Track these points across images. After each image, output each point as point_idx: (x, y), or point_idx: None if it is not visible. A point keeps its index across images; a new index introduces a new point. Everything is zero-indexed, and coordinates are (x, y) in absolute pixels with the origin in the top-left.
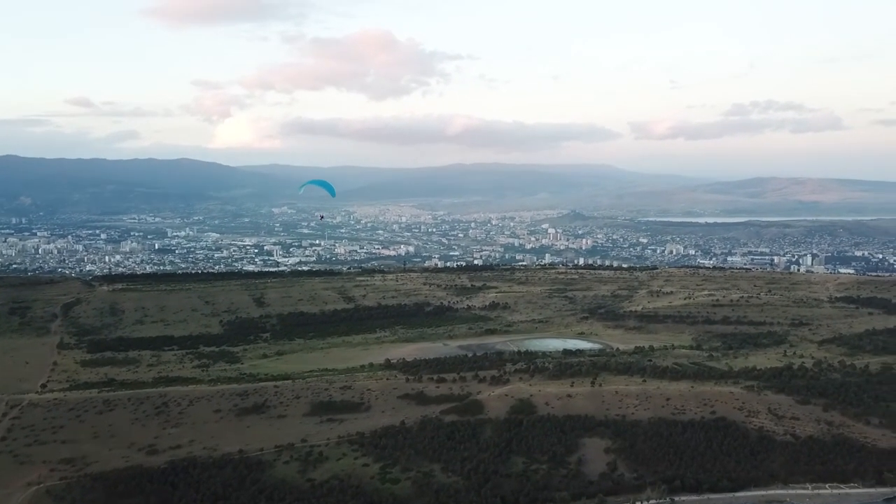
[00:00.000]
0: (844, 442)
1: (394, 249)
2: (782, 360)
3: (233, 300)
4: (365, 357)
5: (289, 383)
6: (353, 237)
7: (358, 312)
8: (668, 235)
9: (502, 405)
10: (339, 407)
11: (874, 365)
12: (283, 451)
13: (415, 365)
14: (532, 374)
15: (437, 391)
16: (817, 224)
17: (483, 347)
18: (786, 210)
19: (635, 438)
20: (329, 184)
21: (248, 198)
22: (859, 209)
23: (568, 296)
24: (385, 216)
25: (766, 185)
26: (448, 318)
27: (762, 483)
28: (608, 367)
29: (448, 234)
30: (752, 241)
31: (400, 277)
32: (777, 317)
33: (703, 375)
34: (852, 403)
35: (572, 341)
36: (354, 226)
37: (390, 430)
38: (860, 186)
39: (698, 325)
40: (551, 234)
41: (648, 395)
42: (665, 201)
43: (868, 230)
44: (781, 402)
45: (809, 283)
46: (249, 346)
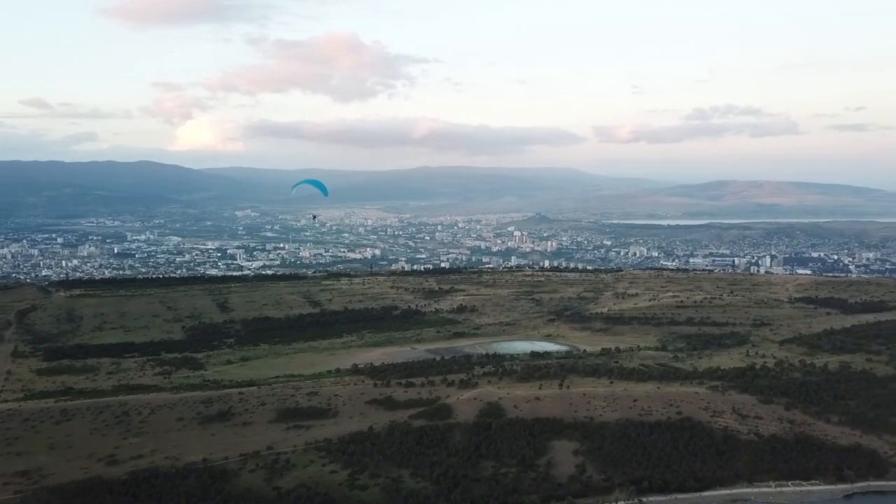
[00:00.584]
0: (806, 440)
1: (360, 253)
2: (745, 360)
3: (195, 305)
4: (332, 362)
5: (254, 390)
6: (319, 240)
7: (324, 317)
8: (631, 238)
9: (471, 409)
10: (305, 413)
11: (833, 364)
12: (249, 459)
13: (383, 370)
14: (500, 377)
15: (405, 396)
16: (775, 226)
17: (451, 351)
18: (745, 212)
19: (603, 440)
20: (322, 183)
21: (211, 201)
22: (815, 211)
23: (535, 298)
24: (351, 219)
25: (726, 188)
26: (416, 322)
27: (728, 482)
28: (576, 369)
29: (415, 237)
30: (714, 242)
31: (367, 281)
32: (739, 317)
33: (669, 376)
34: (813, 402)
35: (540, 343)
36: (319, 229)
37: (358, 435)
38: (816, 189)
39: (663, 327)
40: (517, 236)
41: (616, 397)
42: (628, 204)
43: (824, 232)
44: (745, 402)
45: (770, 285)
46: (213, 352)
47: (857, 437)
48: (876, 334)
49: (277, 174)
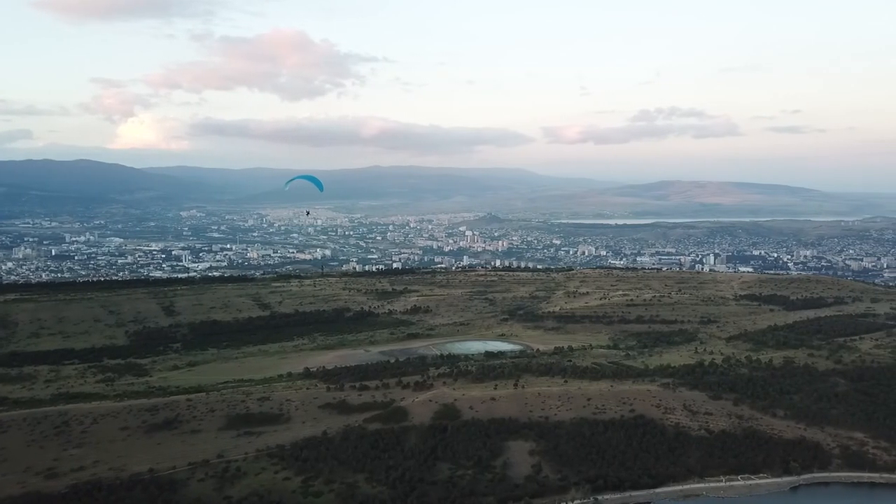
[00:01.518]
0: (754, 434)
1: (309, 253)
2: (694, 356)
3: (139, 309)
4: (283, 366)
5: (202, 396)
6: (267, 241)
7: (274, 320)
8: (580, 237)
9: (427, 411)
10: (257, 419)
11: (777, 359)
12: (198, 468)
13: (336, 373)
14: (455, 378)
15: (359, 399)
16: (718, 225)
17: (405, 352)
18: (689, 212)
19: (559, 439)
20: (318, 179)
21: (155, 201)
22: (755, 211)
23: (488, 298)
24: (300, 219)
25: (670, 188)
26: (369, 324)
27: (680, 478)
28: (530, 369)
29: (366, 237)
30: (660, 241)
31: (318, 282)
32: (687, 315)
33: (622, 374)
34: (760, 397)
35: (493, 343)
36: (267, 229)
37: (312, 441)
38: (755, 189)
39: (614, 325)
40: (468, 236)
41: (570, 396)
42: (576, 204)
43: (764, 230)
44: (695, 399)
45: (716, 282)
46: (158, 357)
47: (801, 430)
48: (816, 330)
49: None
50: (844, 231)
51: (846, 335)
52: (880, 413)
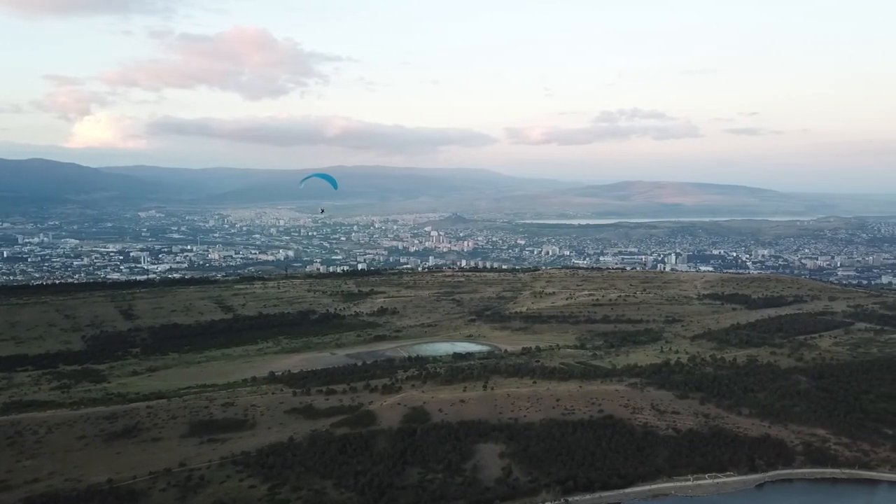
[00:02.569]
0: (720, 433)
1: (272, 254)
2: (660, 356)
3: (96, 313)
4: (247, 370)
5: (164, 402)
6: (228, 242)
7: (238, 323)
8: (544, 237)
9: (395, 414)
10: (220, 425)
11: (741, 358)
12: (159, 477)
13: (302, 377)
14: (424, 381)
15: (326, 404)
16: (679, 225)
17: (373, 355)
18: (650, 212)
19: (528, 441)
20: (332, 177)
21: (112, 201)
22: (714, 211)
23: (455, 298)
24: (262, 219)
25: (632, 189)
26: (335, 326)
27: (649, 478)
28: (499, 370)
29: (330, 238)
30: (622, 241)
31: (282, 284)
32: (652, 314)
33: (590, 375)
34: (725, 395)
35: (461, 344)
36: (229, 230)
37: (278, 447)
38: (714, 190)
39: (581, 325)
40: (434, 236)
41: (539, 397)
42: (540, 204)
43: (723, 230)
44: (663, 398)
45: (679, 282)
46: (117, 362)
47: (766, 427)
48: (777, 328)
49: (184, 173)
50: (800, 231)
51: (806, 333)
52: (840, 410)
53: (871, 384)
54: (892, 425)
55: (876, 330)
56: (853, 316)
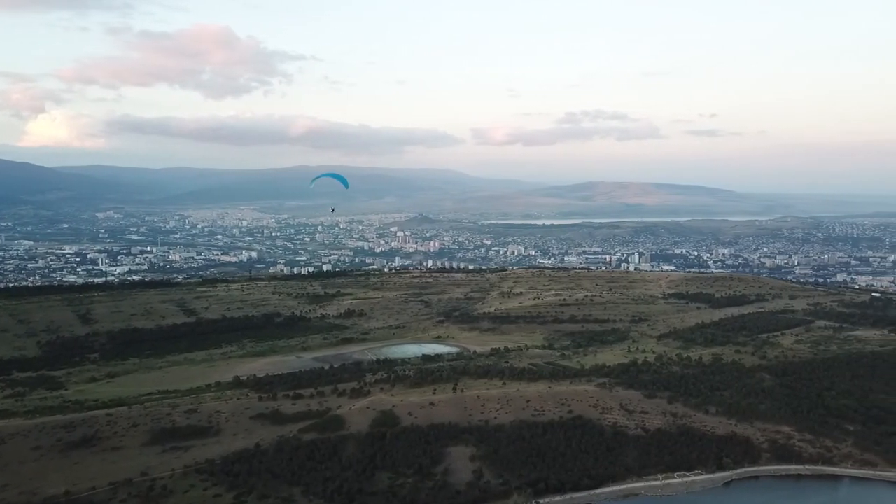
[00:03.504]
0: (688, 432)
1: (235, 256)
2: (627, 355)
3: (52, 317)
4: (211, 375)
5: (124, 410)
6: (190, 243)
7: (200, 326)
8: (509, 237)
9: (364, 419)
10: (184, 433)
11: (706, 356)
12: (120, 487)
13: (268, 381)
14: (393, 384)
15: (293, 408)
16: (642, 225)
17: (340, 358)
18: (614, 212)
19: (499, 443)
20: (343, 177)
21: (68, 201)
22: (675, 211)
23: (424, 300)
24: (224, 220)
25: (595, 189)
26: (301, 329)
27: (619, 478)
28: (468, 372)
29: (293, 239)
30: (586, 241)
31: (246, 286)
32: (619, 314)
33: (559, 375)
34: (692, 394)
35: (430, 346)
36: (190, 231)
37: (244, 454)
38: (675, 190)
39: (548, 325)
40: (400, 237)
41: (509, 399)
42: (505, 205)
43: (684, 230)
44: (631, 398)
45: (644, 282)
46: (74, 369)
47: (732, 426)
48: (741, 326)
49: (143, 173)
50: (759, 230)
51: (769, 331)
52: (804, 407)
53: (832, 381)
54: (853, 421)
55: (835, 328)
56: (813, 314)
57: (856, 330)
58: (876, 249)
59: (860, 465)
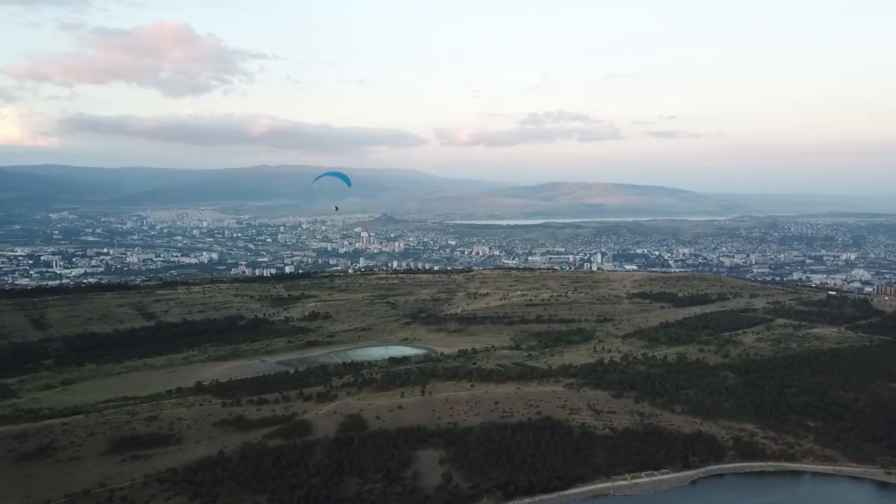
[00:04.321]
0: (655, 431)
1: (195, 257)
2: (593, 355)
3: (4, 322)
4: (172, 381)
5: (81, 418)
6: (148, 244)
7: (160, 330)
8: (474, 237)
9: (331, 423)
10: (144, 441)
11: (671, 355)
12: (77, 499)
13: (231, 386)
14: (360, 387)
15: (258, 414)
16: (604, 225)
17: (305, 361)
18: (576, 212)
19: (468, 446)
20: (345, 175)
21: (20, 202)
22: (637, 211)
23: (390, 301)
24: (184, 221)
25: (558, 190)
26: (265, 332)
27: (588, 478)
28: (436, 374)
29: (255, 240)
30: (550, 241)
31: (207, 289)
32: (584, 314)
33: (527, 376)
34: (658, 393)
35: (397, 348)
36: (148, 232)
37: (207, 462)
38: (636, 190)
39: (515, 325)
40: (364, 237)
41: (478, 400)
42: (469, 205)
43: (645, 230)
44: (599, 398)
45: (609, 281)
46: (28, 376)
47: (698, 424)
48: (704, 325)
49: (99, 172)
50: (717, 230)
51: (731, 330)
52: (766, 404)
53: (792, 378)
54: (813, 418)
55: (794, 326)
56: (773, 312)
57: (814, 328)
58: (829, 248)
59: (821, 461)
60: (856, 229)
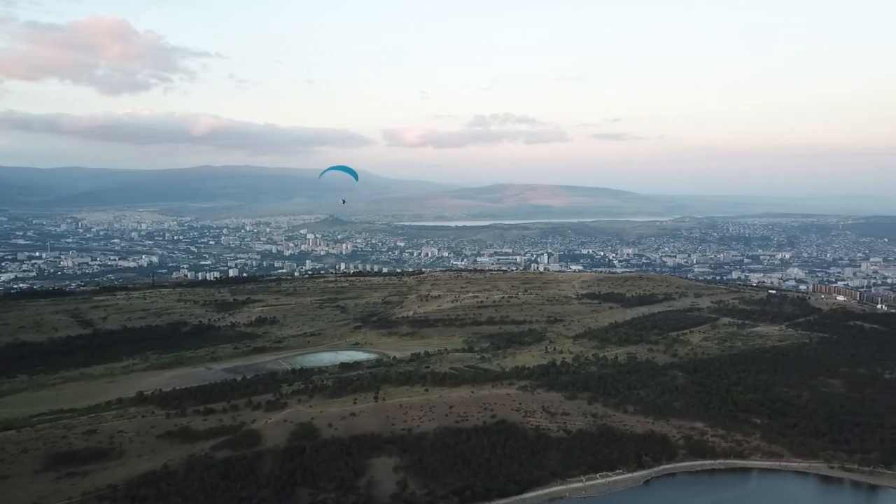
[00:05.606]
0: (608, 432)
1: (134, 260)
2: (545, 356)
3: None
4: (111, 391)
5: (12, 434)
6: (84, 248)
7: (98, 338)
8: (423, 239)
9: (282, 432)
10: (82, 457)
11: (622, 356)
12: None
13: (175, 396)
14: (311, 394)
15: (204, 425)
16: (550, 226)
17: (253, 368)
18: (523, 213)
19: (423, 452)
20: (352, 169)
21: None
22: (581, 212)
23: (339, 305)
24: (122, 223)
25: (504, 191)
26: (210, 338)
27: (544, 482)
28: (389, 379)
29: (197, 242)
30: (497, 242)
31: (148, 294)
32: (535, 315)
33: (481, 379)
34: (611, 394)
35: (348, 353)
36: (84, 234)
37: (150, 477)
38: (581, 192)
39: (467, 327)
40: (311, 239)
41: (432, 405)
42: (418, 206)
43: (590, 231)
44: (553, 400)
45: (558, 282)
46: None
47: (650, 424)
48: (652, 325)
49: (30, 173)
50: (660, 230)
51: (678, 329)
52: (715, 403)
53: (738, 376)
54: (759, 415)
55: (738, 324)
56: (717, 311)
57: (757, 326)
58: (765, 248)
59: (768, 457)
60: (790, 229)
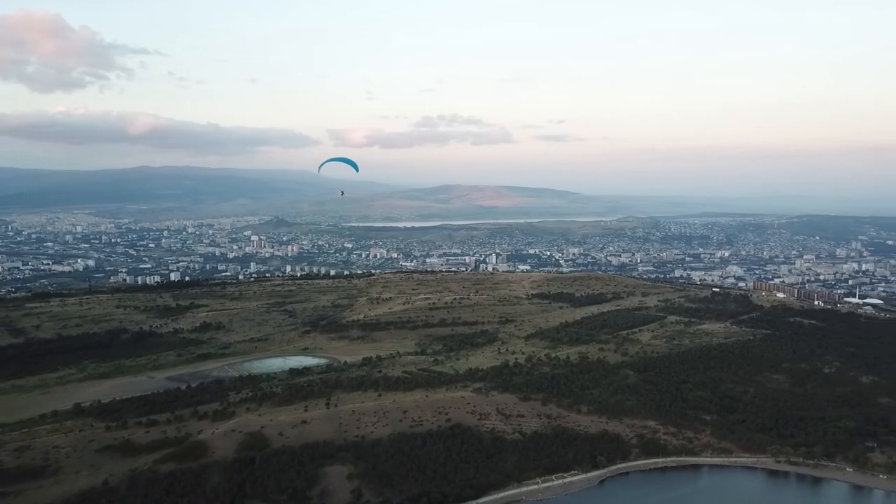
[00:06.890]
0: (563, 433)
1: (69, 265)
2: (498, 357)
3: None
4: (45, 404)
5: None
6: (14, 252)
7: (31, 348)
8: (371, 240)
9: (230, 443)
10: (13, 475)
11: (573, 355)
12: None
13: (115, 407)
14: (260, 402)
15: (147, 437)
16: (497, 226)
17: (198, 376)
18: (470, 214)
19: (377, 459)
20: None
21: None
22: (528, 212)
23: (287, 309)
24: (55, 225)
25: (452, 192)
26: (151, 346)
27: (500, 485)
28: (340, 384)
29: (136, 245)
30: (446, 243)
31: (85, 300)
32: (487, 316)
33: (434, 382)
34: (564, 394)
35: (297, 358)
36: (14, 238)
37: (89, 494)
38: (527, 193)
39: (419, 330)
40: (255, 241)
41: (385, 410)
42: (365, 207)
43: (537, 231)
44: (507, 402)
45: (509, 283)
46: None
47: (604, 423)
48: (602, 324)
49: None
50: (604, 230)
51: (627, 328)
52: (666, 401)
53: (687, 374)
54: (708, 411)
55: (685, 322)
56: (665, 310)
57: (703, 324)
58: (706, 246)
59: (718, 454)
60: (728, 228)
